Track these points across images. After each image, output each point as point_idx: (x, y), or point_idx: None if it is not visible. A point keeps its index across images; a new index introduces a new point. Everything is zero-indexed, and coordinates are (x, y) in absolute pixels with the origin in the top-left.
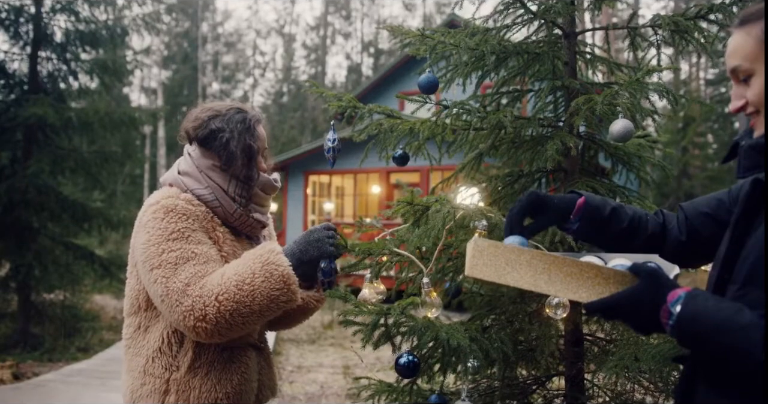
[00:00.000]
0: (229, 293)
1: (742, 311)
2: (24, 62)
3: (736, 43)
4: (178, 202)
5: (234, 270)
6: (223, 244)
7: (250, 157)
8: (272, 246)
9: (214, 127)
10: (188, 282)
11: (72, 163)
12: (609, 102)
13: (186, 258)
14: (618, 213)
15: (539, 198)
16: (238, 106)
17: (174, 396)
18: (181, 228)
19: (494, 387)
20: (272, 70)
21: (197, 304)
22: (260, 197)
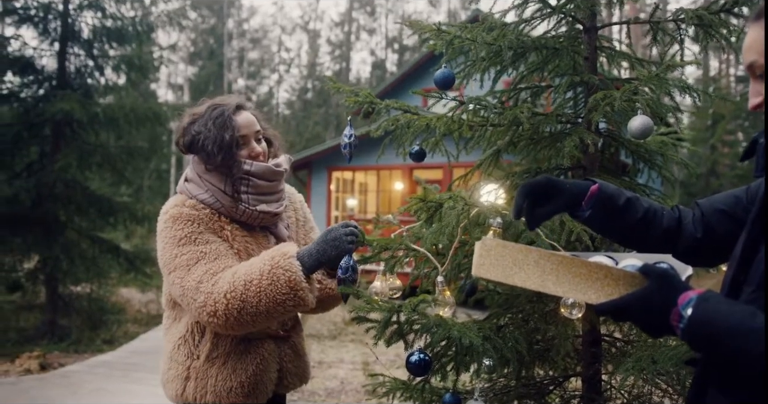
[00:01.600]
0: (236, 291)
1: (755, 315)
2: (52, 58)
3: (752, 37)
4: (182, 210)
5: (245, 269)
6: (233, 241)
7: (227, 149)
8: (286, 248)
9: (193, 131)
10: (201, 279)
11: (98, 158)
12: (628, 98)
13: (196, 258)
14: (633, 204)
15: (550, 182)
16: (216, 102)
17: (193, 382)
18: (188, 233)
19: (510, 387)
20: (297, 67)
21: (209, 300)
22: (262, 187)
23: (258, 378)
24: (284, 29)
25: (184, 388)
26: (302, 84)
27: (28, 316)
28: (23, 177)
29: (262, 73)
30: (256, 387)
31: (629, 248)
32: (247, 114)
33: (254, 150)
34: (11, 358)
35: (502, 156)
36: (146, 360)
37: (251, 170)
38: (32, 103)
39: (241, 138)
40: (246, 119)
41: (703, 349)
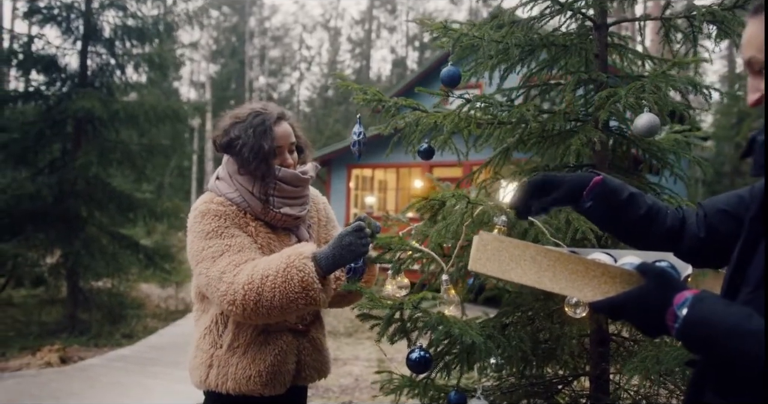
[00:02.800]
0: (253, 284)
1: (751, 316)
2: (75, 57)
3: (750, 33)
4: (210, 206)
5: (264, 264)
6: (257, 237)
7: (263, 158)
8: (303, 248)
9: (233, 135)
10: (224, 270)
11: (118, 155)
12: (636, 95)
13: (221, 251)
14: (636, 200)
15: (548, 177)
16: (258, 109)
17: (215, 370)
18: (215, 228)
19: (518, 386)
20: (318, 64)
21: (229, 289)
22: (288, 191)
23: (276, 368)
24: (305, 27)
25: (207, 375)
26: (323, 82)
27: (51, 310)
28: (45, 173)
29: (283, 70)
30: (274, 377)
31: (631, 245)
32: (286, 125)
33: (286, 160)
34: (33, 351)
35: (512, 154)
36: (163, 355)
37: (279, 175)
38: (55, 101)
39: (277, 148)
40: (284, 131)
41: (698, 350)
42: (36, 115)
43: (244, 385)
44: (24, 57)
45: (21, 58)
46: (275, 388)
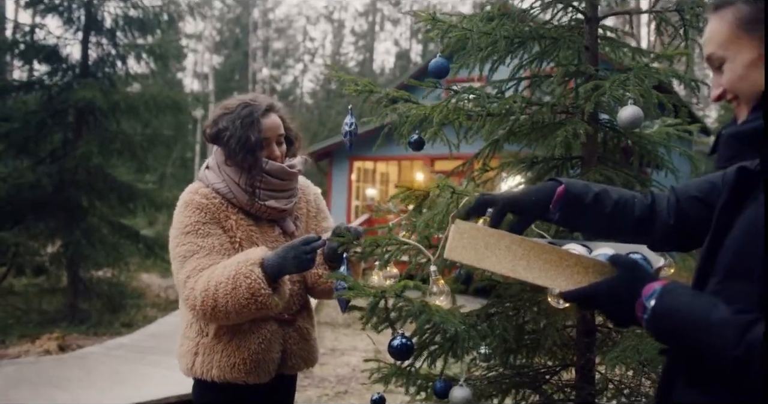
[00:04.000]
0: (209, 291)
1: (716, 307)
2: (76, 47)
3: (710, 29)
4: (194, 197)
5: (220, 271)
6: (237, 230)
7: (249, 150)
8: (252, 254)
9: (221, 126)
10: (189, 274)
11: (119, 146)
12: (621, 88)
13: (192, 252)
14: (601, 199)
15: (516, 198)
16: (248, 101)
17: (201, 357)
18: (193, 222)
19: (505, 375)
20: (321, 57)
21: (191, 295)
22: (275, 184)
23: (259, 356)
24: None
25: (193, 363)
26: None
27: (51, 299)
28: (47, 163)
29: (286, 62)
30: (258, 365)
31: (603, 239)
32: (275, 117)
33: (273, 152)
34: (32, 339)
35: (503, 145)
36: (162, 343)
37: (266, 168)
38: (56, 91)
39: (264, 140)
40: (272, 122)
41: (667, 341)
42: (37, 105)
43: (228, 373)
44: (26, 47)
45: (23, 48)
46: (259, 376)
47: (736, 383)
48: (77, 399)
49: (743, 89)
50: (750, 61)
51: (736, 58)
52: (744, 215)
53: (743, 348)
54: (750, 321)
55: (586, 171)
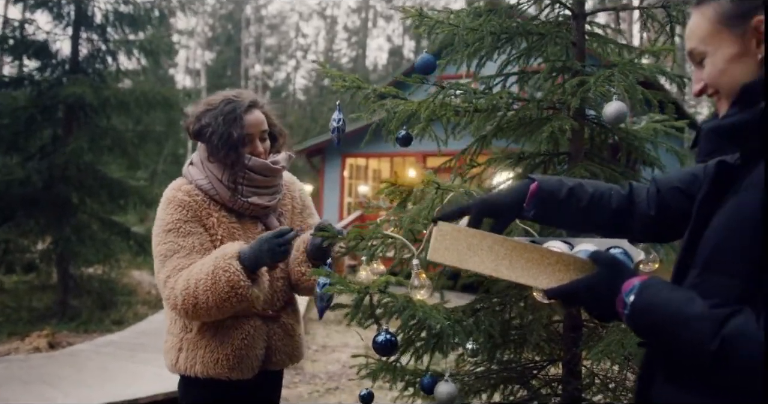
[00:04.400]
0: (189, 289)
1: (692, 301)
2: (66, 42)
3: (692, 24)
4: (177, 194)
5: (198, 268)
6: (218, 228)
7: (232, 146)
8: (228, 248)
9: (204, 122)
10: (169, 274)
11: (109, 142)
12: (604, 84)
13: (173, 251)
14: (576, 193)
15: (489, 202)
16: (231, 97)
17: (185, 353)
18: (174, 220)
19: (492, 371)
20: (314, 53)
21: (171, 294)
22: (258, 180)
23: (242, 352)
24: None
25: (177, 359)
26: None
27: (41, 296)
28: (36, 159)
29: (279, 58)
30: (241, 361)
31: (582, 233)
32: (258, 113)
33: (256, 149)
34: (21, 337)
35: (491, 141)
36: (152, 340)
37: (249, 165)
38: (46, 87)
39: (247, 136)
40: (255, 118)
41: (647, 336)
42: (27, 101)
43: (211, 368)
44: (15, 42)
45: (12, 43)
46: (242, 372)
47: (714, 377)
48: (67, 396)
49: (723, 84)
50: (730, 56)
51: (716, 53)
52: (723, 208)
53: (719, 342)
54: (727, 315)
55: (572, 166)
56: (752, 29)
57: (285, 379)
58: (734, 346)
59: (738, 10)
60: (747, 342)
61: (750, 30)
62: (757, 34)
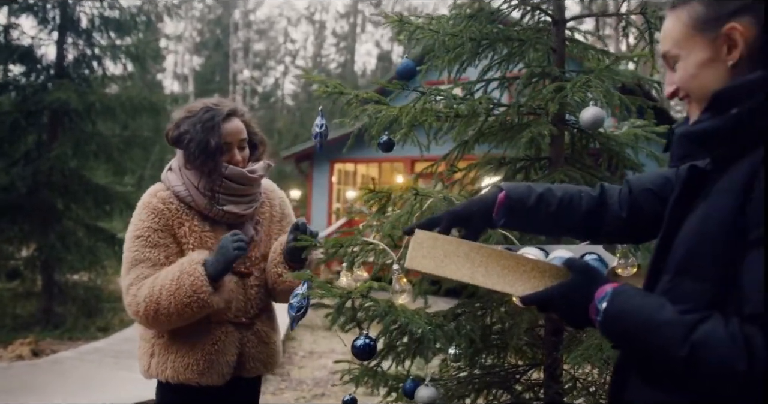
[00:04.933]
0: (153, 296)
1: (663, 307)
2: (51, 47)
3: (666, 26)
4: (152, 200)
5: (163, 274)
6: (189, 237)
7: (209, 154)
8: (195, 255)
9: (182, 129)
10: (131, 282)
11: (94, 147)
12: (581, 90)
13: (139, 260)
14: (545, 199)
15: (459, 213)
16: (210, 105)
17: (156, 358)
18: (145, 227)
19: (474, 375)
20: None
21: (133, 302)
22: (234, 189)
23: (212, 357)
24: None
25: (149, 364)
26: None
27: (25, 304)
28: (20, 165)
29: (267, 64)
30: (211, 367)
31: (553, 237)
32: (237, 122)
33: (234, 157)
34: (4, 345)
35: (472, 146)
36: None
37: (226, 173)
38: (31, 92)
39: (225, 145)
40: (234, 127)
41: (620, 342)
42: (11, 106)
43: (181, 373)
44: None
45: None
46: (212, 378)
47: (684, 382)
48: None
49: (694, 88)
50: (702, 61)
51: (689, 57)
52: (694, 213)
53: (688, 348)
54: (696, 321)
55: (552, 172)
56: (724, 35)
57: (271, 386)
58: (703, 352)
59: (711, 15)
60: (715, 347)
61: (722, 36)
62: (729, 40)
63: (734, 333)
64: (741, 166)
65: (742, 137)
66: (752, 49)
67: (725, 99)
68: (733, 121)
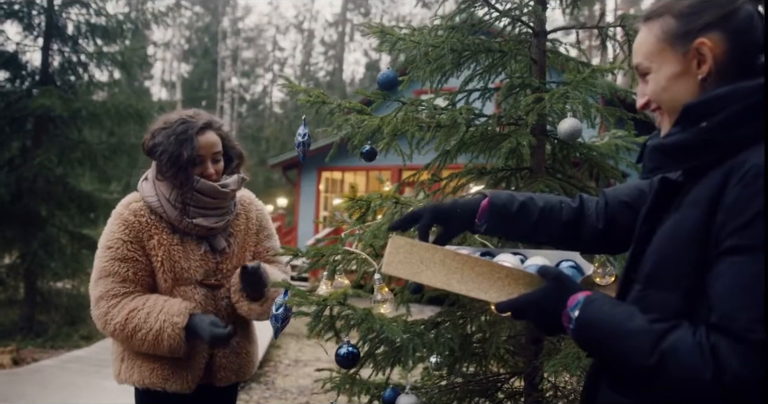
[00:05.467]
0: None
1: (633, 316)
2: (37, 54)
3: (639, 39)
4: (123, 212)
5: (142, 317)
6: (159, 250)
7: (181, 167)
8: (177, 318)
9: (157, 140)
10: (102, 296)
11: (79, 155)
12: (560, 101)
13: (108, 272)
14: (527, 208)
15: (441, 210)
16: (185, 117)
17: (126, 363)
18: (116, 238)
19: (455, 384)
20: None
21: (102, 318)
22: (206, 202)
23: (177, 364)
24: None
25: (120, 369)
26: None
27: (8, 312)
28: (4, 171)
29: (256, 72)
30: (175, 372)
31: (533, 244)
32: (211, 134)
33: (207, 170)
34: None
35: (455, 156)
36: None
37: (197, 187)
38: (15, 98)
39: (198, 157)
40: (207, 140)
41: (591, 350)
42: None
43: (147, 378)
44: None
45: None
46: (178, 385)
47: (652, 390)
48: None
49: (665, 101)
50: (672, 74)
51: (660, 70)
52: (665, 225)
53: (657, 356)
54: (665, 329)
55: (533, 181)
56: (694, 50)
57: (256, 394)
58: (670, 361)
59: (682, 29)
60: (682, 356)
61: (692, 50)
62: (699, 55)
63: (701, 342)
64: (710, 178)
65: (711, 150)
66: (721, 64)
67: (695, 112)
68: (703, 134)
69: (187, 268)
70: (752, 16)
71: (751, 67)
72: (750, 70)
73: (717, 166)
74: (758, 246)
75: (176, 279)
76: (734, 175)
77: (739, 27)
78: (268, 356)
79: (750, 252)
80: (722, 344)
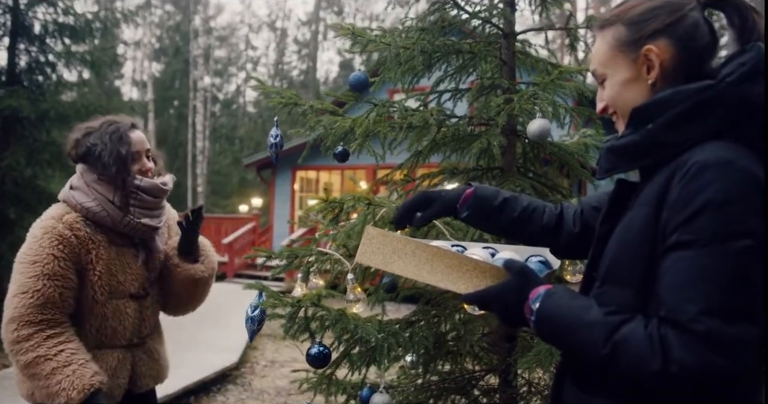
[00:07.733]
0: (26, 371)
1: (589, 309)
2: (2, 53)
3: (595, 47)
4: (57, 226)
5: (51, 367)
6: (96, 265)
7: (122, 163)
8: (76, 395)
9: (89, 143)
10: (15, 317)
11: (47, 156)
12: (529, 102)
13: (28, 289)
14: (509, 204)
15: (427, 195)
16: (110, 119)
17: None
18: (47, 254)
19: (431, 382)
20: (264, 65)
21: (8, 341)
22: (148, 202)
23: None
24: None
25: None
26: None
27: None
28: None
29: (229, 71)
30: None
31: (512, 241)
32: (139, 132)
33: (145, 165)
34: None
35: (427, 156)
36: None
37: (141, 185)
38: None
39: (135, 154)
40: (138, 137)
41: (552, 342)
42: None
43: None
44: None
45: None
46: None
47: (605, 381)
48: None
49: (620, 105)
50: (625, 80)
51: (614, 76)
52: (620, 224)
53: (610, 347)
54: (620, 321)
55: (504, 181)
56: (643, 56)
57: (232, 396)
58: (621, 351)
59: (631, 37)
60: (633, 347)
61: (641, 56)
62: (647, 61)
63: (652, 333)
64: (658, 177)
65: (658, 150)
66: (668, 69)
67: (642, 115)
68: (650, 136)
69: (123, 281)
70: (698, 23)
71: (698, 71)
72: (697, 75)
73: (665, 165)
74: (701, 241)
75: (111, 292)
76: (678, 173)
77: (686, 34)
78: (244, 357)
79: (694, 247)
80: (670, 335)
